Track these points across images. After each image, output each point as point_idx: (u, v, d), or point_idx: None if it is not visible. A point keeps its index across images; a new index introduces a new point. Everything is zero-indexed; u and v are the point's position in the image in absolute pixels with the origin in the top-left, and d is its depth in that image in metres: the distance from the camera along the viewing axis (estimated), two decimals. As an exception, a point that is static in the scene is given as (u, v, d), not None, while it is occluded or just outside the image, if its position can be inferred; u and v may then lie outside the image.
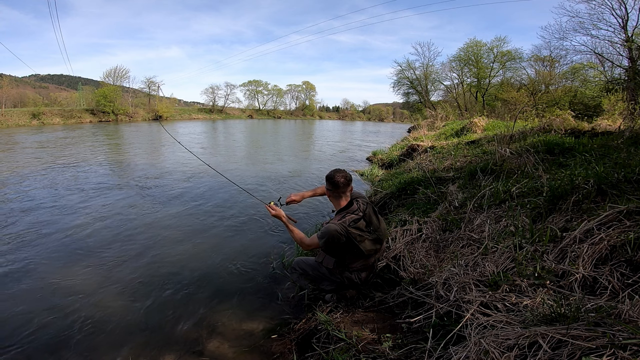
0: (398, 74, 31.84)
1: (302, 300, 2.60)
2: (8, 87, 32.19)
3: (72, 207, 4.91)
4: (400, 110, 69.42)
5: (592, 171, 2.64)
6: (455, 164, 5.15)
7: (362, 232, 2.11)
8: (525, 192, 2.92)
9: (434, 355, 1.47)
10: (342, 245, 2.10)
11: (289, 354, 1.97)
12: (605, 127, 5.58)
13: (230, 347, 2.13)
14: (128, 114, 37.06)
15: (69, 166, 8.07)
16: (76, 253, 3.44)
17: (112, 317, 2.41)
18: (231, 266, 3.22)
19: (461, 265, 2.15)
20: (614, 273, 1.62)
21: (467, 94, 28.68)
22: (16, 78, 46.12)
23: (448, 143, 8.02)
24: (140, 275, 3.01)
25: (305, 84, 68.02)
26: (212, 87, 55.94)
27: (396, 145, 12.15)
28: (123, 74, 41.55)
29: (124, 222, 4.33)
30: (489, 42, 26.52)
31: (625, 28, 13.09)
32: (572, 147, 3.93)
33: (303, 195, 2.58)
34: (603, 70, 15.42)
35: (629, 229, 1.82)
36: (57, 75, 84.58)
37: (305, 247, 2.26)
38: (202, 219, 4.56)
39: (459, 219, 2.96)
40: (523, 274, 1.83)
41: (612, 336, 1.14)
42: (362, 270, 2.25)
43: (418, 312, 1.89)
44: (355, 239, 2.08)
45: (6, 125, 24.70)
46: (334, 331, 1.88)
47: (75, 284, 2.85)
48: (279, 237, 3.98)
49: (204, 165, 8.71)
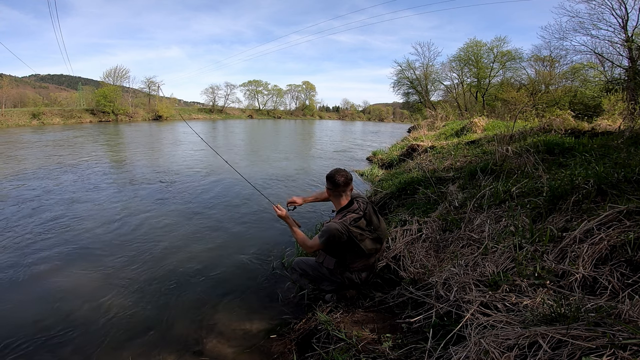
0: (398, 74, 31.86)
1: (302, 300, 2.60)
2: (8, 87, 32.19)
3: (72, 206, 4.91)
4: (400, 110, 69.40)
5: (592, 171, 2.64)
6: (455, 164, 5.15)
7: (363, 231, 2.11)
8: (525, 192, 2.92)
9: (434, 355, 1.47)
10: (343, 244, 2.10)
11: (289, 354, 1.96)
12: (605, 127, 5.57)
13: (230, 347, 2.13)
14: (128, 114, 37.07)
15: (79, 165, 8.08)
16: (76, 252, 3.44)
17: (112, 317, 2.41)
18: (231, 266, 3.22)
19: (461, 265, 2.15)
20: (614, 273, 1.62)
21: (467, 94, 28.67)
22: (16, 78, 46.13)
23: (448, 143, 8.02)
24: (140, 275, 3.01)
25: (305, 84, 68.08)
26: (212, 87, 56.09)
27: (396, 145, 12.14)
28: (123, 74, 41.61)
29: (124, 222, 4.33)
30: (489, 42, 26.52)
31: (625, 28, 13.09)
32: (572, 147, 3.93)
33: (305, 199, 2.60)
34: (603, 70, 15.42)
35: (629, 229, 1.82)
36: (57, 75, 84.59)
37: (307, 249, 2.24)
38: (201, 219, 4.56)
39: (459, 219, 2.96)
40: (523, 274, 1.83)
41: (612, 336, 1.14)
42: (363, 270, 2.25)
43: (418, 312, 1.89)
44: (356, 237, 2.08)
45: (6, 125, 24.68)
46: (334, 331, 1.88)
47: (74, 284, 2.85)
48: (279, 237, 3.98)
49: (206, 165, 8.74)
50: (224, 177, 7.28)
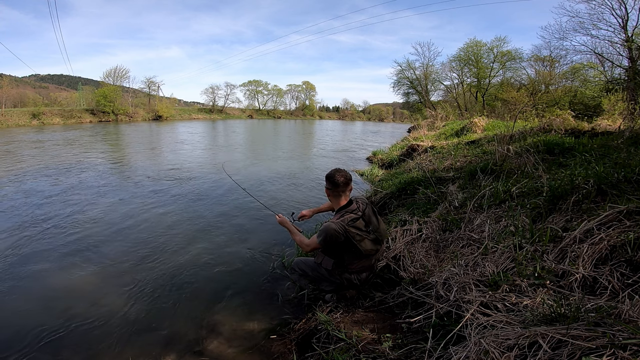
0: (398, 74, 31.86)
1: (302, 300, 2.60)
2: (8, 87, 32.19)
3: (72, 205, 4.91)
4: (400, 110, 69.42)
5: (592, 171, 2.64)
6: (455, 164, 5.15)
7: (361, 232, 2.11)
8: (525, 192, 2.92)
9: (434, 355, 1.47)
10: (340, 244, 2.09)
11: (289, 354, 1.96)
12: (605, 127, 5.57)
13: (230, 347, 2.13)
14: (128, 114, 37.08)
15: (79, 165, 8.08)
16: (76, 252, 3.43)
17: (112, 317, 2.41)
18: (231, 266, 3.22)
19: (461, 265, 2.15)
20: (614, 273, 1.62)
21: (467, 94, 28.66)
22: (16, 78, 46.18)
23: (448, 143, 8.02)
24: (141, 275, 3.01)
25: (305, 84, 68.08)
26: (212, 87, 56.07)
27: (396, 145, 12.14)
28: (123, 74, 41.62)
29: (123, 222, 4.33)
30: (489, 42, 26.51)
31: (625, 28, 13.08)
32: (572, 147, 3.93)
33: (313, 211, 2.79)
34: (603, 70, 15.41)
35: (629, 229, 1.82)
36: (57, 75, 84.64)
37: (305, 248, 2.25)
38: (201, 220, 4.56)
39: (459, 219, 2.96)
40: (523, 274, 1.83)
41: (612, 336, 1.14)
42: (362, 271, 2.24)
43: (418, 312, 1.89)
44: (353, 237, 2.07)
45: (6, 125, 24.68)
46: (334, 331, 1.88)
47: (74, 284, 2.85)
48: (279, 237, 3.97)
49: (206, 166, 8.74)
50: (224, 177, 7.28)
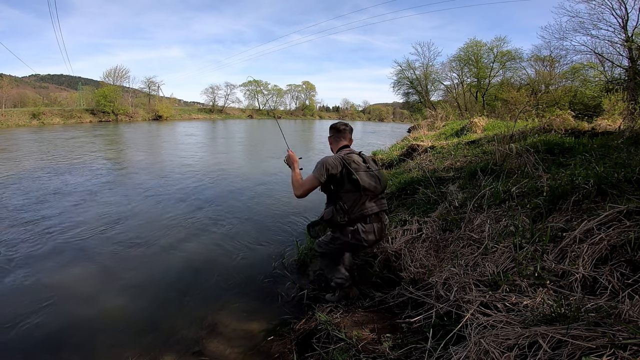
0: (398, 74, 31.90)
1: (302, 300, 2.60)
2: (8, 87, 32.24)
3: (72, 205, 4.91)
4: (400, 110, 69.40)
5: (592, 171, 2.64)
6: (455, 164, 5.14)
7: (359, 165, 2.13)
8: (525, 192, 2.92)
9: (434, 355, 1.47)
10: (338, 182, 2.09)
11: (289, 354, 1.96)
12: (605, 127, 5.57)
13: (230, 347, 2.13)
14: (128, 114, 37.09)
15: (79, 165, 8.08)
16: (75, 252, 3.43)
17: (112, 317, 2.41)
18: (231, 266, 3.22)
19: (461, 265, 2.15)
20: (614, 273, 1.62)
21: (467, 94, 28.67)
22: (16, 78, 46.14)
23: (448, 143, 8.01)
24: (140, 275, 3.01)
25: (305, 83, 68.18)
26: (212, 87, 56.15)
27: (396, 145, 12.11)
28: (123, 74, 41.69)
29: (123, 222, 4.33)
30: (489, 42, 26.58)
31: (625, 28, 13.10)
32: (572, 147, 3.93)
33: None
34: (603, 70, 15.42)
35: (629, 229, 1.82)
36: (57, 75, 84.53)
37: (300, 187, 2.17)
38: (201, 219, 4.56)
39: (459, 219, 2.96)
40: (523, 274, 1.83)
41: (612, 336, 1.14)
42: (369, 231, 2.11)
43: (418, 312, 1.89)
44: (349, 165, 2.08)
45: (6, 125, 24.67)
46: (334, 331, 1.88)
47: (74, 283, 2.85)
48: (279, 237, 3.98)
49: (208, 165, 8.75)
50: (224, 177, 7.29)
